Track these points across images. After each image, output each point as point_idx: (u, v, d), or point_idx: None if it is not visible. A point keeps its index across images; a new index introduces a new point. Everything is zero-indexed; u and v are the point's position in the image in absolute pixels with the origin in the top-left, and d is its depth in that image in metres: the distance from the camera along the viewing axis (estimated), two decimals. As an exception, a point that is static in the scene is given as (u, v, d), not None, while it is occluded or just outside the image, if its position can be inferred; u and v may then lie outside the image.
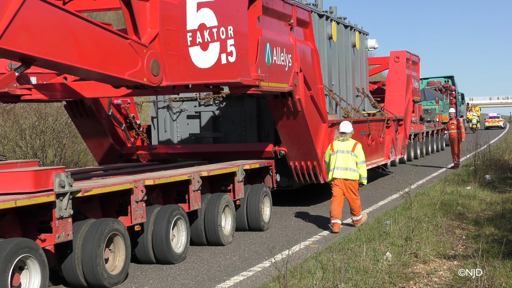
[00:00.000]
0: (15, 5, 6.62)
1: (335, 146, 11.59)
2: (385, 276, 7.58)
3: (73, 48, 7.30)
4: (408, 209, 11.84)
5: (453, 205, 13.03)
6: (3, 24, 6.48)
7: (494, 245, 9.14)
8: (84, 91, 11.18)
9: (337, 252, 9.00)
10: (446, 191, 14.53)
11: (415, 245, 8.98)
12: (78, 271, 7.79)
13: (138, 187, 8.70)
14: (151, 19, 8.45)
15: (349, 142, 11.55)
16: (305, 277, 7.56)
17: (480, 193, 14.84)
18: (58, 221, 7.24)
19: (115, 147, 13.94)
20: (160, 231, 9.11)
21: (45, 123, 19.09)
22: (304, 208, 14.24)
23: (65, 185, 7.32)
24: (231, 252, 9.95)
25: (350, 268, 7.82)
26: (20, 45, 6.69)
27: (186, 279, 8.32)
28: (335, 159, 11.46)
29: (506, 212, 11.92)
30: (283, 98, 12.03)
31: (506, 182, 17.05)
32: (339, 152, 11.47)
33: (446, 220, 11.16)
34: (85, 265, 7.76)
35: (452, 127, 23.43)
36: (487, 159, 21.00)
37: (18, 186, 6.97)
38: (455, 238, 10.07)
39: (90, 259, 7.72)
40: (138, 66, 8.13)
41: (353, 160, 11.42)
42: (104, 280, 7.83)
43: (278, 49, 11.36)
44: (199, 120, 14.47)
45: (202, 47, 9.24)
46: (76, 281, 7.85)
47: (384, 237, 9.79)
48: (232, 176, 11.25)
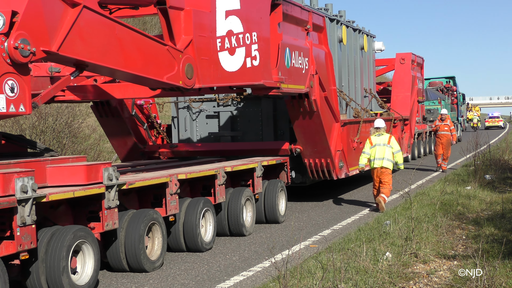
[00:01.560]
0: (72, 16, 7.38)
1: (373, 140, 13.54)
2: (385, 276, 7.56)
3: (120, 54, 8.07)
4: (408, 209, 11.88)
5: (453, 205, 13.02)
6: (62, 34, 7.24)
7: (494, 245, 9.14)
8: (114, 92, 11.95)
9: (337, 252, 8.96)
10: (446, 191, 14.47)
11: (415, 245, 8.95)
12: (121, 256, 8.54)
13: (173, 181, 9.47)
14: (185, 26, 9.21)
15: (385, 136, 13.52)
16: (305, 277, 7.53)
17: (480, 193, 14.80)
18: (107, 211, 7.99)
19: (138, 145, 14.67)
20: (191, 221, 9.86)
21: (45, 123, 19.22)
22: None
23: (113, 178, 8.07)
24: (231, 252, 9.96)
25: (350, 268, 7.80)
26: (76, 52, 7.45)
27: (186, 279, 8.31)
28: (375, 152, 13.42)
29: (506, 212, 11.94)
30: (300, 99, 12.78)
31: (506, 182, 17.07)
32: (377, 145, 13.44)
33: (446, 220, 11.14)
34: (128, 251, 8.52)
35: (445, 128, 21.83)
36: (487, 159, 20.97)
37: (73, 179, 7.71)
38: (455, 238, 10.05)
39: (133, 246, 8.48)
40: (174, 70, 8.90)
41: (390, 151, 13.36)
42: (145, 265, 8.59)
43: (296, 53, 12.12)
44: (217, 120, 15.22)
45: (229, 52, 10.02)
46: (119, 266, 8.60)
47: (384, 237, 9.76)
48: (251, 172, 12.00)
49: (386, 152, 13.32)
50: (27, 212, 6.67)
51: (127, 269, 8.66)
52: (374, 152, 13.40)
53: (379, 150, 13.36)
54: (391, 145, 13.39)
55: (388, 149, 13.35)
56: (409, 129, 21.15)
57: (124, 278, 8.36)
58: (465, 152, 21.65)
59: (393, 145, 13.44)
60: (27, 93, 7.02)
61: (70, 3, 7.40)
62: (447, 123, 21.81)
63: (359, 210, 13.77)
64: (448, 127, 21.70)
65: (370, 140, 13.57)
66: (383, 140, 13.43)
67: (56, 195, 7.15)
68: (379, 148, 13.37)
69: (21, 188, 6.63)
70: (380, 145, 13.39)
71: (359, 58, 18.47)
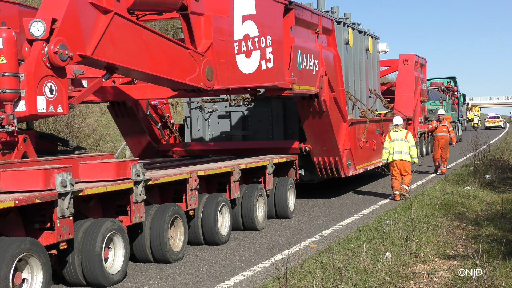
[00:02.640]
0: (104, 23, 7.91)
1: (391, 135, 15.04)
2: (385, 276, 7.55)
3: (147, 57, 8.60)
4: (408, 209, 11.86)
5: (453, 205, 12.99)
6: (96, 39, 7.78)
7: (494, 245, 9.13)
8: (132, 93, 12.51)
9: (337, 252, 8.93)
10: (446, 191, 14.40)
11: (415, 245, 8.92)
12: (147, 248, 9.06)
13: (193, 177, 9.99)
14: (205, 31, 9.75)
15: (402, 132, 14.98)
16: (305, 277, 7.51)
17: (480, 193, 14.76)
18: (134, 205, 8.52)
19: (152, 144, 15.20)
20: (209, 215, 10.37)
21: (45, 123, 19.36)
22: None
23: (140, 174, 8.59)
24: (231, 252, 9.94)
25: (350, 268, 7.79)
26: (108, 55, 7.99)
27: (186, 279, 8.30)
28: (393, 146, 14.88)
29: (506, 212, 11.92)
30: (310, 99, 13.30)
31: (506, 182, 17.02)
32: (395, 140, 14.91)
33: (446, 220, 11.12)
34: (153, 243, 9.04)
35: (443, 130, 20.84)
36: (487, 159, 20.90)
37: (104, 175, 8.23)
38: (455, 238, 10.03)
39: (158, 238, 9.00)
40: (196, 72, 9.43)
41: (406, 145, 14.82)
42: (169, 256, 9.11)
43: (307, 55, 12.64)
44: (229, 120, 15.74)
45: (246, 55, 10.55)
46: (144, 257, 9.13)
47: (384, 237, 9.74)
48: (263, 169, 12.52)
49: (404, 146, 14.80)
50: (66, 205, 7.20)
51: (152, 260, 9.17)
52: (393, 146, 14.87)
53: (397, 144, 14.82)
54: (408, 140, 14.84)
55: (405, 144, 14.82)
56: (413, 128, 21.67)
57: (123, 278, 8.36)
58: (465, 152, 21.40)
59: (410, 140, 14.91)
60: (64, 94, 7.55)
61: (102, 10, 7.93)
62: (445, 124, 20.95)
63: (359, 210, 13.83)
64: (447, 128, 20.83)
65: (389, 135, 15.08)
66: (401, 135, 14.90)
67: (91, 189, 7.67)
68: (397, 143, 14.84)
69: (61, 183, 7.14)
70: (398, 140, 14.86)
71: (364, 59, 18.97)
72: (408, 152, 14.84)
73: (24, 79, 7.20)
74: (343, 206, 14.43)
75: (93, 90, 8.54)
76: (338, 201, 15.23)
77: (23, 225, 7.23)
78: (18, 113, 7.22)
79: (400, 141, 14.88)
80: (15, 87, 7.14)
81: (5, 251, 6.41)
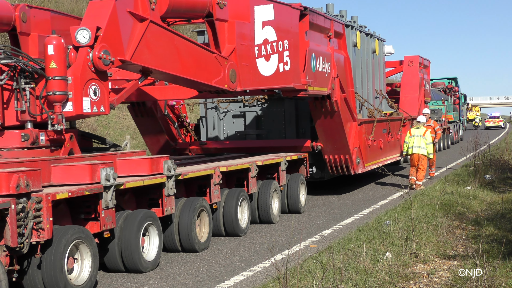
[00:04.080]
0: (140, 30, 8.61)
1: (412, 132, 17.02)
2: (385, 276, 7.55)
3: (178, 61, 9.29)
4: (408, 209, 11.85)
5: (453, 205, 12.97)
6: (133, 45, 8.47)
7: (494, 245, 9.13)
8: (155, 94, 13.20)
9: (337, 252, 8.91)
10: (446, 191, 14.40)
11: (415, 245, 8.91)
12: (175, 238, 9.75)
13: (216, 173, 10.68)
14: (229, 36, 10.45)
15: (421, 129, 16.97)
16: (305, 277, 7.50)
17: (480, 193, 14.76)
18: (166, 198, 9.22)
19: (170, 142, 15.87)
20: (230, 209, 11.06)
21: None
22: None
23: (171, 170, 9.29)
24: (231, 252, 9.95)
25: (350, 268, 7.78)
26: (144, 60, 8.68)
27: (186, 279, 8.31)
28: (413, 141, 16.83)
29: (506, 212, 11.91)
30: (322, 100, 14.00)
31: (506, 182, 16.99)
32: (415, 136, 16.86)
33: (446, 220, 11.11)
34: (182, 233, 9.74)
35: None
36: (487, 159, 20.87)
37: (139, 170, 8.93)
38: (455, 238, 10.02)
39: (186, 229, 9.70)
40: (221, 75, 10.13)
41: (424, 141, 16.74)
42: (196, 246, 9.80)
43: (320, 58, 13.34)
44: (243, 119, 16.43)
45: (265, 58, 11.25)
46: (173, 247, 9.82)
47: (384, 237, 9.72)
48: (277, 166, 13.21)
49: (421, 142, 16.72)
50: (109, 197, 7.89)
51: (180, 250, 9.86)
52: (412, 141, 16.81)
53: (416, 140, 16.78)
54: (425, 137, 16.78)
55: (422, 140, 16.75)
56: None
57: (124, 278, 8.44)
58: (465, 152, 21.13)
59: (427, 138, 16.86)
60: (106, 96, 8.24)
61: (139, 19, 8.63)
62: (430, 124, 19.80)
63: (359, 210, 13.90)
64: (432, 128, 19.58)
65: (410, 131, 17.15)
66: (420, 132, 16.85)
67: (130, 183, 8.38)
68: (416, 138, 16.80)
69: (105, 177, 7.84)
70: (417, 136, 16.82)
71: (371, 61, 19.64)
72: (424, 147, 16.64)
73: (71, 82, 7.89)
74: (343, 206, 14.58)
75: (131, 92, 9.23)
76: (338, 201, 15.41)
77: (70, 215, 7.91)
78: (66, 113, 7.91)
79: (418, 137, 16.77)
80: (64, 90, 7.83)
81: (61, 238, 7.10)
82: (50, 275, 7.04)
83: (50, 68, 7.77)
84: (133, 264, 8.43)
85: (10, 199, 6.52)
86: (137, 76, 11.66)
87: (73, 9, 27.39)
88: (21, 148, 8.11)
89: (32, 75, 8.09)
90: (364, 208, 14.13)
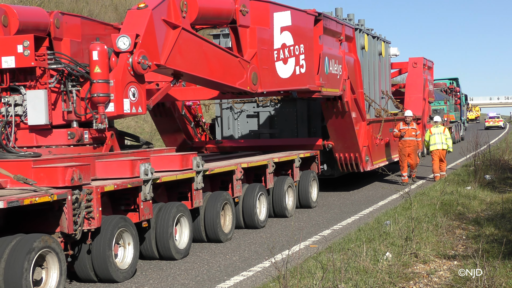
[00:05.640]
0: (173, 36, 9.36)
1: (432, 130, 18.96)
2: (385, 276, 7.53)
3: (206, 65, 10.04)
4: (408, 209, 11.83)
5: (453, 205, 12.95)
6: (167, 50, 9.22)
7: (494, 245, 9.10)
8: (177, 95, 13.96)
9: (337, 252, 8.91)
10: (446, 191, 14.34)
11: (415, 245, 8.90)
12: (201, 229, 10.49)
13: (238, 169, 11.42)
14: (250, 41, 11.20)
15: (440, 128, 19.01)
16: (305, 277, 7.50)
17: (480, 193, 14.73)
18: (195, 191, 9.96)
19: (187, 141, 16.62)
20: (250, 202, 11.80)
21: None
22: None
23: (200, 165, 10.03)
24: (231, 252, 9.96)
25: (350, 268, 7.77)
26: (176, 64, 9.42)
27: (186, 279, 8.33)
28: (434, 138, 18.81)
29: (506, 212, 11.90)
30: (334, 100, 14.74)
31: (506, 182, 16.96)
32: (436, 134, 18.87)
33: (446, 220, 11.11)
34: (207, 225, 10.48)
35: (412, 133, 18.35)
36: (487, 159, 20.85)
37: (171, 166, 9.68)
38: (455, 238, 10.01)
39: (212, 220, 10.43)
40: (243, 78, 10.88)
41: (444, 138, 18.88)
42: (220, 236, 10.55)
43: (332, 61, 14.09)
44: (257, 119, 17.19)
45: (283, 61, 12.01)
46: (200, 237, 10.56)
47: (384, 237, 9.69)
48: (291, 163, 13.94)
49: (442, 138, 18.85)
50: (147, 190, 8.64)
51: (205, 240, 10.59)
52: (434, 138, 18.81)
53: (437, 137, 18.82)
54: (445, 134, 18.96)
55: (443, 136, 18.89)
56: (422, 127, 23.08)
57: None
58: (465, 152, 20.99)
59: (446, 134, 19.05)
60: (143, 97, 8.98)
61: (172, 26, 9.38)
62: (414, 126, 18.51)
63: (359, 210, 13.94)
64: (415, 131, 18.46)
65: (430, 130, 19.08)
66: (440, 130, 18.91)
67: (166, 177, 9.14)
68: (437, 136, 18.84)
69: (144, 171, 8.58)
70: (438, 133, 18.87)
71: (377, 62, 20.39)
72: (445, 143, 18.82)
73: (113, 85, 8.63)
74: (343, 206, 14.68)
75: (164, 94, 9.97)
76: (338, 201, 15.50)
77: (111, 206, 8.66)
78: (108, 113, 8.65)
79: (439, 135, 18.87)
80: (107, 92, 8.57)
81: (108, 226, 7.86)
82: (99, 259, 7.80)
83: (95, 72, 8.52)
84: (167, 252, 9.17)
85: (67, 190, 7.27)
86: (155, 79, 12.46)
87: (73, 8, 27.92)
88: (68, 145, 8.86)
89: (77, 78, 8.83)
90: (364, 208, 14.19)
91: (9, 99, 8.62)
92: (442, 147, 18.84)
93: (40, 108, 8.49)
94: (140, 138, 10.32)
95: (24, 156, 7.82)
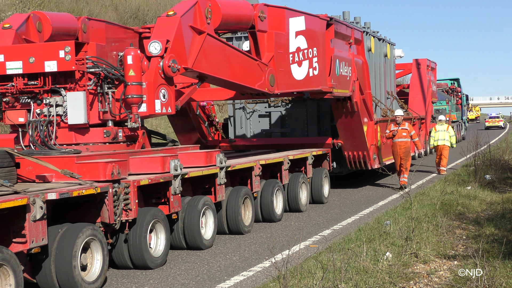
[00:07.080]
0: (199, 41, 10.03)
1: (437, 127, 21.31)
2: (385, 276, 7.54)
3: (228, 68, 10.71)
4: (408, 209, 11.87)
5: (453, 205, 13.00)
6: (194, 54, 9.88)
7: (494, 245, 9.14)
8: (195, 96, 14.62)
9: (337, 252, 8.92)
10: (446, 191, 14.47)
11: (415, 245, 8.91)
12: (223, 222, 11.15)
13: (257, 165, 12.08)
14: (268, 45, 11.88)
15: (444, 125, 21.26)
16: (305, 277, 7.50)
17: (480, 193, 14.80)
18: (218, 186, 10.63)
19: (201, 140, 17.28)
20: (267, 197, 12.47)
21: None
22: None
23: (223, 162, 10.70)
24: (231, 252, 10.00)
25: (350, 268, 7.77)
26: (202, 67, 10.09)
27: (186, 279, 8.35)
28: (438, 135, 21.05)
29: (506, 212, 11.94)
30: (343, 101, 15.42)
31: (506, 182, 17.07)
32: (440, 131, 21.10)
33: (446, 220, 11.15)
34: (229, 217, 11.16)
35: (403, 134, 17.23)
36: (487, 159, 21.06)
37: (196, 162, 10.34)
38: (455, 238, 10.03)
39: (233, 213, 11.11)
40: (262, 80, 11.55)
41: (448, 135, 21.01)
42: (242, 229, 11.23)
43: (343, 63, 14.76)
44: (269, 119, 17.87)
45: (298, 64, 12.68)
46: (222, 229, 11.22)
47: (384, 237, 9.71)
48: (304, 160, 14.59)
49: (446, 135, 20.96)
50: (177, 184, 9.31)
51: (227, 232, 11.25)
52: (438, 135, 21.04)
53: (441, 134, 21.01)
54: (448, 131, 21.05)
55: (446, 134, 21.00)
56: (425, 127, 23.77)
57: (124, 278, 8.53)
58: (465, 152, 21.44)
59: (450, 131, 21.15)
60: (172, 98, 9.65)
61: (197, 32, 10.05)
62: (405, 127, 17.36)
63: (359, 210, 13.99)
64: (407, 132, 17.26)
65: (435, 128, 21.41)
66: (443, 128, 21.09)
67: (193, 172, 9.83)
68: (441, 133, 21.04)
69: (174, 167, 9.25)
70: (441, 131, 21.06)
71: (383, 64, 21.04)
72: (448, 139, 20.87)
73: (145, 87, 9.29)
74: (343, 206, 14.76)
75: (191, 95, 10.65)
76: (338, 201, 15.59)
77: (143, 200, 9.32)
78: (141, 113, 9.32)
79: (443, 132, 21.01)
80: (140, 93, 9.24)
81: (144, 217, 8.53)
82: (136, 248, 8.48)
83: (129, 75, 9.18)
84: (194, 242, 9.85)
85: (108, 184, 7.94)
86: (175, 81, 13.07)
87: (73, 9, 28.14)
88: (104, 143, 9.53)
89: (113, 81, 9.50)
90: (364, 208, 14.23)
91: (51, 100, 9.30)
92: (444, 143, 20.72)
93: (79, 109, 9.16)
94: (167, 136, 11.00)
95: (67, 153, 8.48)
